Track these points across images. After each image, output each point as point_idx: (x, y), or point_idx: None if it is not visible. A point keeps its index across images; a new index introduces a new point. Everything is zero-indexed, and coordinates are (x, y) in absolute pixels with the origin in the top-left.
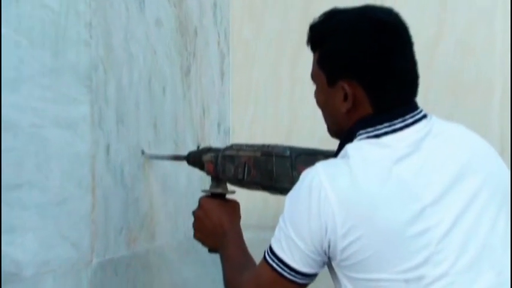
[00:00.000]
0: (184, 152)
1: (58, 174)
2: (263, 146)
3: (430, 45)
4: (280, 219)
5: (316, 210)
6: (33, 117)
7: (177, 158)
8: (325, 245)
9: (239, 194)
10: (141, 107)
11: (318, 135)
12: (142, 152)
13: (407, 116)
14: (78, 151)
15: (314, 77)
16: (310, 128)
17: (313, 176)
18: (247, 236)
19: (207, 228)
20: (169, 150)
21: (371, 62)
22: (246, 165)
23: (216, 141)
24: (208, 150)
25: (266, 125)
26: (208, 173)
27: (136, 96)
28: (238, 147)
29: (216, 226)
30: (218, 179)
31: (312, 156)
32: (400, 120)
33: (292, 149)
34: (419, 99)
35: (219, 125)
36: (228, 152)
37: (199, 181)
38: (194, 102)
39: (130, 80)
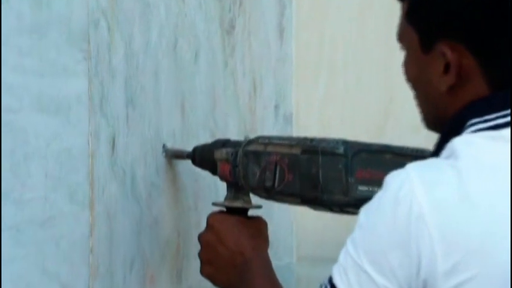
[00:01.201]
0: None
1: (41, 182)
2: (304, 139)
3: None
4: (349, 242)
5: (405, 233)
6: (5, 98)
7: (178, 155)
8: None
9: (305, 213)
10: (163, 81)
11: None
12: (164, 148)
13: None
14: (70, 147)
15: (402, 38)
16: (415, 114)
17: (402, 182)
18: (320, 273)
19: (221, 257)
20: None
21: (486, 15)
22: (278, 166)
23: (273, 131)
24: (224, 143)
25: (347, 107)
26: (222, 177)
27: (155, 65)
28: (266, 141)
29: (234, 254)
30: (237, 187)
31: (378, 155)
32: None
33: (347, 144)
34: None
35: (276, 108)
36: (251, 147)
37: None
38: (240, 73)
39: (146, 41)
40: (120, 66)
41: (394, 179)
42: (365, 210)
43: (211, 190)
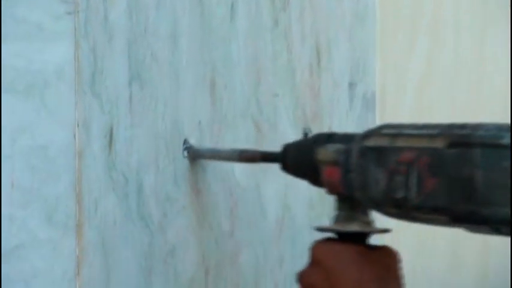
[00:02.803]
0: (272, 143)
1: (5, 194)
2: (450, 126)
3: None
4: None
5: None
6: None
7: (254, 157)
8: None
9: None
10: (184, 47)
11: None
12: (186, 145)
13: None
14: (48, 143)
15: None
16: None
17: None
18: None
19: None
20: (242, 140)
21: None
22: (414, 168)
23: (346, 120)
24: (329, 138)
25: (459, 86)
26: (329, 187)
27: (172, 23)
28: (393, 131)
29: None
30: (351, 202)
31: None
32: None
33: None
34: None
35: (351, 86)
36: (371, 142)
37: (320, 203)
38: (297, 35)
39: None
40: (121, 24)
41: None
42: None
43: (255, 207)
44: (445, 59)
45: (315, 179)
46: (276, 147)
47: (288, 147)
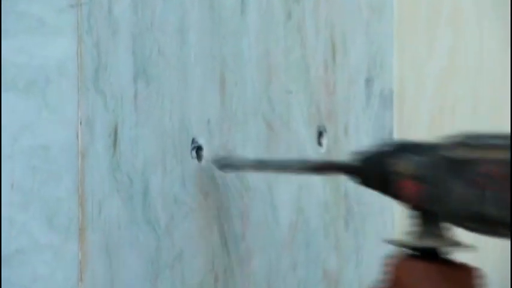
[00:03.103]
0: (285, 142)
1: (5, 196)
2: None
3: None
4: None
5: None
6: None
7: (329, 168)
8: None
9: None
10: (192, 42)
11: None
12: (194, 145)
13: None
14: (49, 143)
15: None
16: None
17: None
18: None
19: None
20: (253, 139)
21: None
22: (495, 181)
23: (363, 120)
24: (405, 148)
25: (486, 82)
26: (407, 201)
27: (180, 16)
28: (472, 141)
29: None
30: (427, 216)
31: None
32: None
33: None
34: None
35: (368, 83)
36: (452, 153)
37: (335, 206)
38: (312, 29)
39: None
40: (126, 17)
41: None
42: None
43: (267, 210)
44: (468, 52)
45: (391, 192)
46: (288, 146)
47: (367, 156)
